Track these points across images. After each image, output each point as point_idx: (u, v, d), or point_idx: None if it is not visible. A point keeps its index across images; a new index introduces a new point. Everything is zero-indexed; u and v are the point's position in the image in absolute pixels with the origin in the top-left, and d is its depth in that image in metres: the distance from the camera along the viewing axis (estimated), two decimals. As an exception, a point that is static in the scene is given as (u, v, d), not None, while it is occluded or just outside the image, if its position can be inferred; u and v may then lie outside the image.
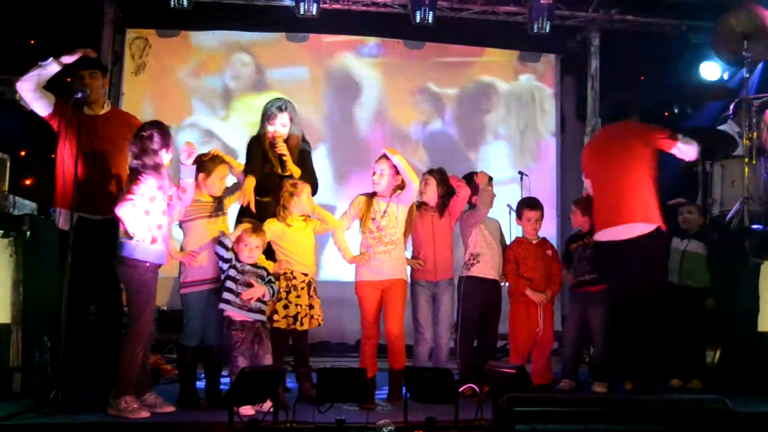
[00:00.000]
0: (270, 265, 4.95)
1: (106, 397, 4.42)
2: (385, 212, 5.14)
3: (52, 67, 4.77)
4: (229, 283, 4.69)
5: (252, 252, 4.74)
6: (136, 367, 4.42)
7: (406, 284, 5.22)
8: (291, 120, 5.39)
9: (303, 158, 5.46)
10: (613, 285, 5.17)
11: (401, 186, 5.17)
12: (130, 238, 4.38)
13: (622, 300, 5.09)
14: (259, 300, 4.72)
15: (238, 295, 4.67)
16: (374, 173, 5.19)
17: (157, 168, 4.47)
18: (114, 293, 4.83)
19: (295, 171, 5.31)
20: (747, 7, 6.56)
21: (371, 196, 5.21)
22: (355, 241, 5.30)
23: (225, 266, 4.71)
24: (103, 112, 5.03)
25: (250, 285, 4.69)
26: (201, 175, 4.88)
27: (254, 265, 4.76)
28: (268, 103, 5.45)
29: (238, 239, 4.75)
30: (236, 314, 4.67)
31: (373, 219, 5.13)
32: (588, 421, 2.89)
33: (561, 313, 7.19)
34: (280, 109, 5.36)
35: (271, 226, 5.02)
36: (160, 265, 4.54)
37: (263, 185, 5.23)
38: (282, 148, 5.28)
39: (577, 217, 5.87)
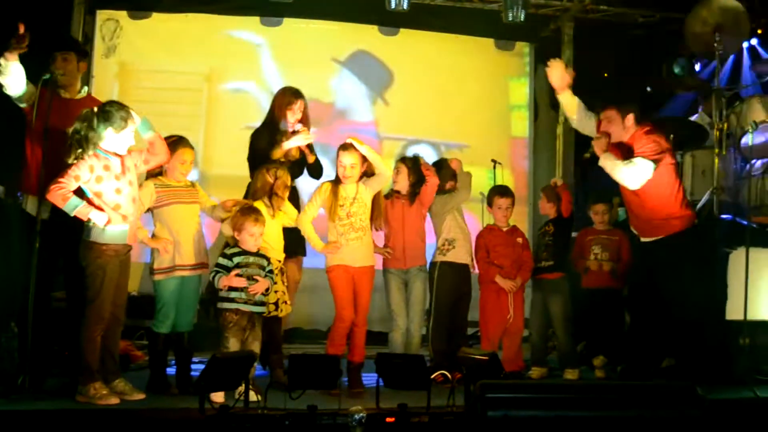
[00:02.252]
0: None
1: (76, 384, 4.38)
2: (354, 198, 5.09)
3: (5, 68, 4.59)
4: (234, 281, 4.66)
5: (257, 240, 4.73)
6: (95, 352, 4.37)
7: (374, 270, 5.20)
8: (305, 106, 5.45)
9: (310, 145, 5.53)
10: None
11: (367, 172, 5.13)
12: (89, 221, 4.32)
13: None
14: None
15: (243, 290, 4.64)
16: (344, 166, 5.07)
17: (94, 148, 4.37)
18: (81, 279, 4.78)
19: (312, 158, 5.45)
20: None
21: (336, 182, 5.13)
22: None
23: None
24: (79, 97, 4.94)
25: (254, 277, 4.67)
26: None
27: (256, 254, 4.75)
28: (283, 90, 5.53)
29: (241, 229, 4.70)
30: (240, 308, 4.65)
31: (342, 206, 5.06)
32: (560, 408, 2.91)
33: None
34: (296, 96, 5.42)
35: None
36: (124, 246, 4.47)
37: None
38: (310, 137, 5.36)
39: (543, 203, 5.96)
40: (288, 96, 5.44)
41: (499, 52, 8.81)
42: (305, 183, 5.77)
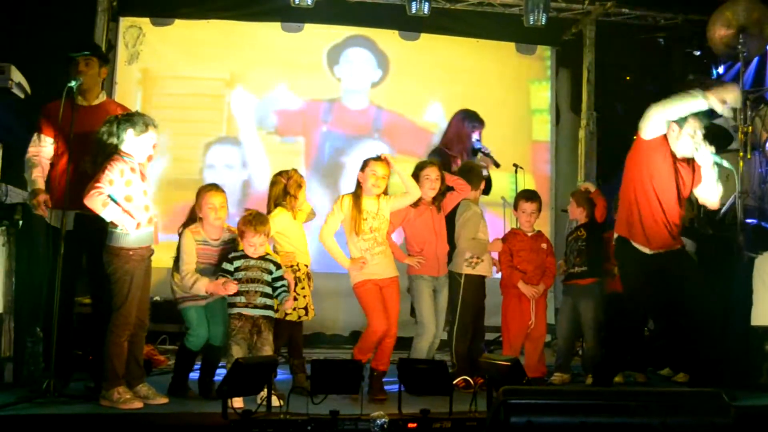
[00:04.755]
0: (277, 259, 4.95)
1: (100, 388, 4.41)
2: (377, 213, 5.08)
3: None
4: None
5: (257, 249, 4.73)
6: (122, 356, 4.40)
7: (398, 280, 5.17)
8: None
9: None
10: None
11: (384, 191, 5.12)
12: (115, 227, 4.35)
13: None
14: (264, 295, 4.71)
15: (241, 294, 4.64)
16: (376, 176, 5.03)
17: (119, 152, 4.40)
18: (106, 285, 4.83)
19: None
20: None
21: (356, 196, 5.09)
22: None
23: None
24: (96, 102, 4.95)
25: (254, 280, 4.67)
26: (195, 208, 4.82)
27: (262, 258, 4.75)
28: (469, 115, 6.25)
29: (242, 237, 4.72)
30: (243, 313, 4.66)
31: (365, 220, 5.04)
32: (584, 414, 2.88)
33: (554, 305, 7.19)
34: (480, 122, 6.25)
35: (281, 217, 5.00)
36: (147, 249, 4.50)
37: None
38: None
39: (573, 208, 5.90)
40: (473, 121, 6.09)
41: (520, 56, 8.77)
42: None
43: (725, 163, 5.08)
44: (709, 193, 5.12)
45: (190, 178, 7.72)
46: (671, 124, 5.01)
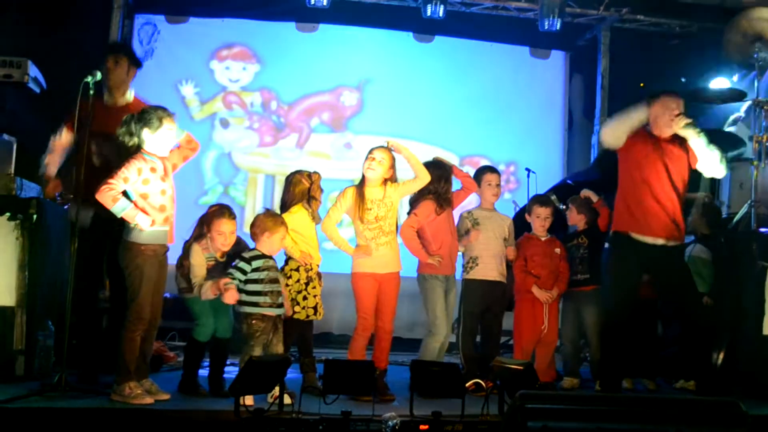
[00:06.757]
0: (297, 253, 4.96)
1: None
2: (382, 201, 5.03)
3: None
4: (253, 286, 4.63)
5: (276, 250, 4.74)
6: (134, 351, 4.40)
7: (400, 276, 5.14)
8: None
9: None
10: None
11: (391, 179, 5.09)
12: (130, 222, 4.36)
13: None
14: (280, 294, 4.72)
15: (266, 294, 4.61)
16: (372, 159, 5.00)
17: (138, 150, 4.40)
18: (121, 280, 4.85)
19: None
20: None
21: (361, 186, 5.06)
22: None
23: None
24: (123, 103, 4.96)
25: (275, 280, 4.66)
26: (205, 228, 4.83)
27: (272, 258, 4.75)
28: None
29: (272, 233, 4.67)
30: (266, 312, 4.64)
31: (370, 210, 5.00)
32: (601, 420, 2.88)
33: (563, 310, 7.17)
34: None
35: (300, 215, 5.00)
36: (162, 247, 4.50)
37: None
38: None
39: (573, 214, 5.87)
40: None
41: (534, 60, 8.78)
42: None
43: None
44: (708, 161, 5.14)
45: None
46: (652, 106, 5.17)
